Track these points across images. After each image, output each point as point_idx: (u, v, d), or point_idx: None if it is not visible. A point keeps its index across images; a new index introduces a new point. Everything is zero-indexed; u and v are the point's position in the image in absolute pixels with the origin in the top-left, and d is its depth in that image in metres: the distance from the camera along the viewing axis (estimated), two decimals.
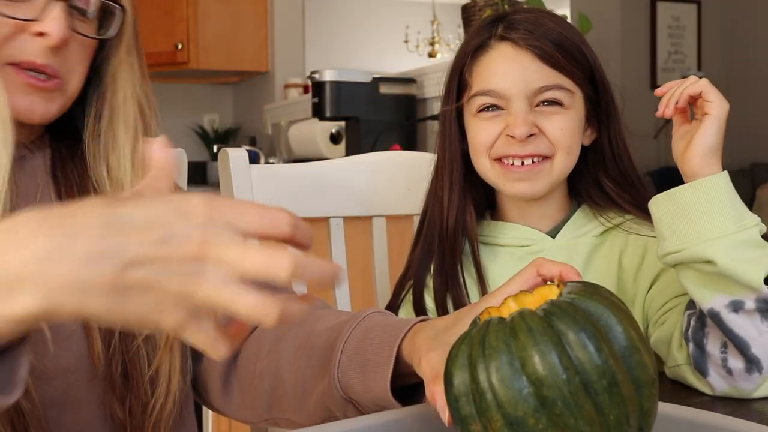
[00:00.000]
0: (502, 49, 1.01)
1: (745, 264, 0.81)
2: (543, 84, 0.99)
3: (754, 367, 0.83)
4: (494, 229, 1.07)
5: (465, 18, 2.50)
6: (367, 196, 1.24)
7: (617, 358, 0.50)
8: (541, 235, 1.04)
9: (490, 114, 1.02)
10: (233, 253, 0.46)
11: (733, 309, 0.83)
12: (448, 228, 1.04)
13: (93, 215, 0.47)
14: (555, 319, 0.51)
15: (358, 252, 1.27)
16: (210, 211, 0.47)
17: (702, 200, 0.83)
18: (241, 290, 0.46)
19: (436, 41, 7.33)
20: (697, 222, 0.83)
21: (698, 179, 0.84)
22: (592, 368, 0.49)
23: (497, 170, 1.02)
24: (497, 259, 1.05)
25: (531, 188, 1.01)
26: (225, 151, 1.15)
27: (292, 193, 1.19)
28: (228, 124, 5.01)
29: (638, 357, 0.51)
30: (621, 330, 0.52)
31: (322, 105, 2.69)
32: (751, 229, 0.82)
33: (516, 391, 0.50)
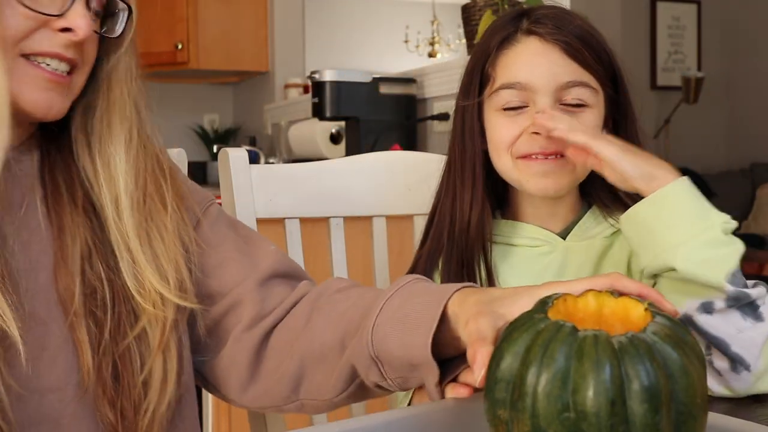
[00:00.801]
0: (529, 43, 1.00)
1: (703, 266, 0.82)
2: (570, 79, 0.98)
3: (739, 366, 0.84)
4: (505, 228, 1.06)
5: (465, 18, 2.50)
6: (367, 196, 1.24)
7: (670, 419, 0.48)
8: (552, 236, 1.04)
9: (513, 110, 0.99)
10: None
11: (705, 311, 0.84)
12: (469, 227, 1.02)
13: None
14: (627, 359, 0.48)
15: (358, 252, 1.27)
16: None
17: (659, 213, 0.85)
18: None
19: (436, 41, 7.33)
20: (659, 234, 0.85)
21: (649, 195, 0.86)
22: (642, 423, 0.47)
23: (520, 167, 0.99)
24: (507, 259, 1.04)
25: (554, 185, 0.99)
26: (225, 151, 1.15)
27: (292, 193, 1.19)
28: (228, 124, 5.01)
29: (691, 424, 0.49)
30: (687, 389, 0.49)
31: (322, 105, 2.69)
32: (713, 230, 0.83)
33: (556, 410, 0.48)
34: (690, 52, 5.83)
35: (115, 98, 0.84)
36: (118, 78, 0.84)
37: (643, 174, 0.87)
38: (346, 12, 7.59)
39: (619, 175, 0.89)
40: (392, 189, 1.26)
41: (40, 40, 0.76)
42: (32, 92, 0.76)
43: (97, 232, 0.82)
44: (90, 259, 0.80)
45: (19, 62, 0.76)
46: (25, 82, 0.76)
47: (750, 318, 0.84)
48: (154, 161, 0.87)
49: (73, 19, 0.76)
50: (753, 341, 0.83)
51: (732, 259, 0.83)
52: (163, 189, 0.86)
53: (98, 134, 0.83)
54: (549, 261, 1.02)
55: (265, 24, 4.51)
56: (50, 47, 0.77)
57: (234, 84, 4.99)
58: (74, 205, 0.82)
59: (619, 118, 1.04)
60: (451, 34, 7.29)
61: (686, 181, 0.87)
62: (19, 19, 0.75)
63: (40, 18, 0.76)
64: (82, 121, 0.84)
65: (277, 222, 1.19)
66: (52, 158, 0.84)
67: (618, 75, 1.03)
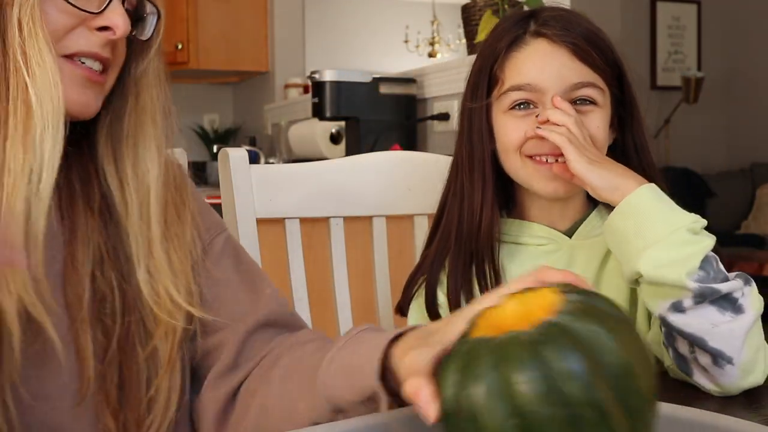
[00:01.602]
0: (538, 45, 1.00)
1: (665, 268, 0.85)
2: (578, 80, 0.99)
3: (720, 360, 0.84)
4: (512, 228, 1.06)
5: (465, 18, 2.50)
6: (367, 196, 1.24)
7: (608, 386, 0.49)
8: (559, 235, 1.04)
9: (522, 112, 1.00)
10: None
11: (676, 310, 0.86)
12: (480, 228, 1.02)
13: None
14: (542, 349, 0.49)
15: (358, 252, 1.27)
16: None
17: (627, 222, 0.88)
18: None
19: (436, 41, 7.33)
20: (634, 241, 0.88)
21: (618, 205, 0.89)
22: (580, 401, 0.48)
23: (529, 168, 1.00)
24: (514, 258, 1.05)
25: (564, 188, 0.99)
26: (225, 151, 1.15)
27: (292, 193, 1.19)
28: (228, 124, 5.01)
29: (631, 382, 0.50)
30: (615, 353, 0.50)
31: (322, 105, 2.69)
32: (678, 231, 0.86)
33: (502, 420, 0.49)
34: (690, 52, 5.83)
35: (145, 103, 0.83)
36: (148, 83, 0.84)
37: (609, 186, 0.91)
38: (346, 12, 7.59)
39: (589, 187, 0.93)
40: (392, 189, 1.26)
41: (77, 40, 0.76)
42: (73, 91, 0.76)
43: (112, 239, 0.81)
44: (102, 265, 0.79)
45: (61, 61, 0.76)
46: (66, 81, 0.75)
47: (729, 312, 0.85)
48: (177, 168, 0.87)
49: (111, 18, 0.76)
50: (732, 333, 0.84)
51: (695, 257, 0.85)
52: (183, 198, 0.86)
53: (129, 139, 0.83)
54: (555, 259, 1.03)
55: (265, 24, 4.51)
56: (88, 46, 0.76)
57: (234, 84, 4.99)
58: (90, 211, 0.81)
59: (625, 117, 1.05)
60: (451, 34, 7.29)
61: (650, 188, 0.89)
62: (59, 15, 0.75)
63: (79, 15, 0.75)
64: (108, 125, 0.83)
65: (277, 222, 1.19)
66: (69, 161, 0.83)
67: (623, 74, 1.03)
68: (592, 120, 0.99)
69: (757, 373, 0.86)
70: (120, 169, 0.82)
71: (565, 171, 0.95)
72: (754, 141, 5.68)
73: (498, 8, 2.26)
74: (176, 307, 0.80)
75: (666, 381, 0.93)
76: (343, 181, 1.23)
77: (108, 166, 0.83)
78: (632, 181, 0.90)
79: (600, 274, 1.02)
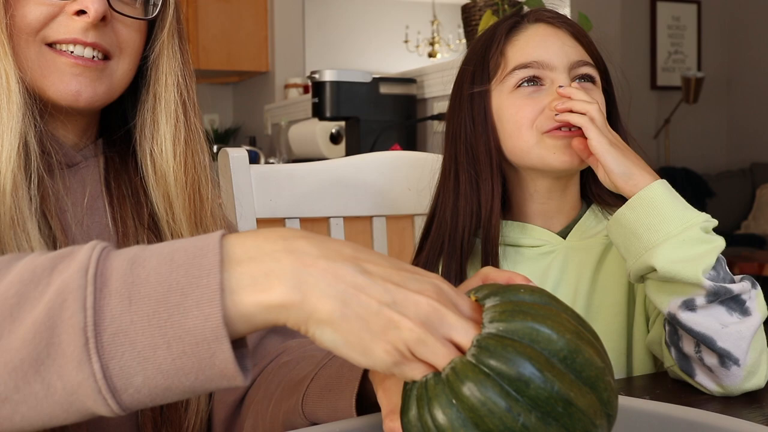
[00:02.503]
0: (537, 27, 1.02)
1: (681, 264, 0.84)
2: (580, 58, 1.01)
3: (727, 361, 0.84)
4: (507, 230, 1.05)
5: (465, 18, 2.50)
6: (367, 196, 1.24)
7: (562, 372, 0.49)
8: (554, 237, 1.04)
9: (530, 89, 1.00)
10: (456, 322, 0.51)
11: (687, 308, 0.86)
12: (490, 223, 1.01)
13: (347, 243, 0.53)
14: (488, 363, 0.49)
15: None
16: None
17: (641, 215, 0.88)
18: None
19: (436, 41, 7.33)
20: (644, 236, 0.87)
21: (630, 198, 0.89)
22: (543, 400, 0.48)
23: (546, 142, 0.98)
24: (509, 260, 1.04)
25: (578, 159, 0.97)
26: (225, 151, 1.15)
27: (292, 193, 1.19)
28: (228, 124, 5.02)
29: (581, 356, 0.50)
30: (555, 336, 0.50)
31: (322, 105, 2.69)
32: (692, 229, 0.85)
33: None
34: (690, 52, 5.83)
35: (160, 90, 0.82)
36: (163, 67, 0.83)
37: (623, 172, 0.90)
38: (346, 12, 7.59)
39: (602, 168, 0.92)
40: (392, 189, 1.26)
41: (57, 28, 0.76)
42: (59, 80, 0.76)
43: (158, 240, 0.82)
44: None
45: (44, 52, 0.76)
46: (52, 71, 0.76)
47: (737, 313, 0.85)
48: (200, 157, 0.86)
49: (84, 1, 0.75)
50: (740, 335, 0.84)
51: (710, 256, 0.85)
52: (209, 189, 0.86)
53: (149, 131, 0.82)
54: (550, 261, 1.02)
55: (265, 24, 4.51)
56: (68, 33, 0.76)
57: (234, 84, 4.99)
58: (139, 215, 0.82)
59: (612, 113, 1.06)
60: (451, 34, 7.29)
61: (664, 183, 0.89)
62: (33, 7, 0.75)
63: (54, 4, 0.76)
64: (141, 120, 0.83)
65: (277, 222, 1.19)
66: (116, 164, 0.84)
67: (608, 73, 1.06)
68: (595, 96, 1.00)
69: (760, 375, 0.86)
70: (147, 158, 0.82)
71: (584, 148, 0.94)
72: (754, 141, 5.68)
73: (498, 8, 2.26)
74: None
75: (666, 381, 0.93)
76: (343, 180, 1.23)
77: (142, 158, 0.83)
78: (647, 174, 0.89)
79: (596, 276, 1.02)
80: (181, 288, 0.49)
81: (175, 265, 0.50)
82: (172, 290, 0.49)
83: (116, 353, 0.48)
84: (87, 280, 0.49)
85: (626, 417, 0.64)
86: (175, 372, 0.49)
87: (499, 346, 0.49)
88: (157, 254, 0.51)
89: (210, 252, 0.50)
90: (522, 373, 0.48)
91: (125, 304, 0.49)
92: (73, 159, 0.80)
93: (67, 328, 0.48)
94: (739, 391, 0.87)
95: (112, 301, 0.49)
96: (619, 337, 1.01)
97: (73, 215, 0.78)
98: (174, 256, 0.50)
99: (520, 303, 0.52)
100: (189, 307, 0.49)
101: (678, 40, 5.77)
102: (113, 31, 0.79)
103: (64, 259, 0.51)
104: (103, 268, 0.50)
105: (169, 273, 0.50)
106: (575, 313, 0.54)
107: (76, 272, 0.50)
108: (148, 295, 0.49)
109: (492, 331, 0.50)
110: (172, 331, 0.48)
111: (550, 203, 1.04)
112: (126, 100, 0.85)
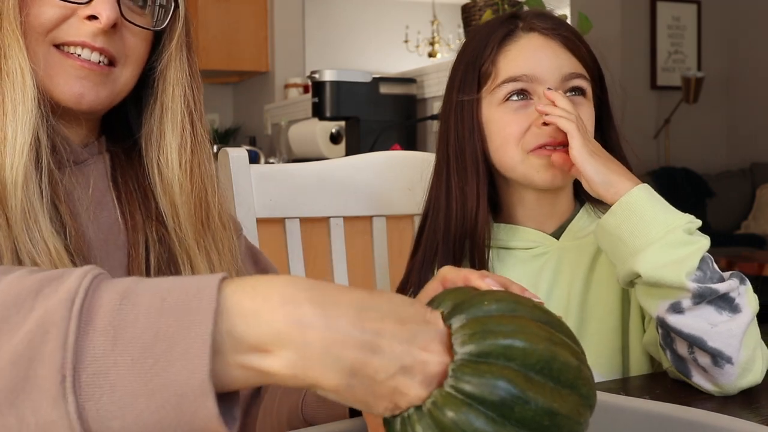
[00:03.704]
0: (530, 38, 1.02)
1: (664, 268, 0.84)
2: (572, 70, 1.00)
3: (720, 360, 0.84)
4: (500, 232, 1.05)
5: (465, 18, 2.50)
6: (367, 196, 1.24)
7: (541, 383, 0.49)
8: (547, 238, 1.04)
9: (519, 103, 1.00)
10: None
11: (675, 311, 0.86)
12: (476, 227, 1.01)
13: (348, 295, 0.50)
14: (468, 392, 0.48)
15: (358, 252, 1.27)
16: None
17: (623, 222, 0.88)
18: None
19: (436, 41, 7.33)
20: (628, 242, 0.87)
21: (613, 205, 0.89)
22: (529, 419, 0.48)
23: (531, 161, 0.99)
24: (503, 263, 1.04)
25: (561, 175, 0.98)
26: (225, 151, 1.15)
27: (292, 193, 1.19)
28: (228, 124, 5.02)
29: (557, 362, 0.50)
30: (529, 349, 0.49)
31: (322, 105, 2.69)
32: (674, 232, 0.85)
33: None
34: (690, 52, 5.83)
35: (167, 101, 0.83)
36: (170, 79, 0.84)
37: (603, 180, 0.90)
38: (346, 12, 7.59)
39: (584, 178, 0.92)
40: (392, 189, 1.26)
41: (68, 30, 0.77)
42: (64, 82, 0.77)
43: (166, 244, 0.83)
44: (159, 272, 0.81)
45: (51, 53, 0.77)
46: (57, 72, 0.77)
47: (726, 311, 0.85)
48: (206, 166, 0.86)
49: (96, 7, 0.77)
50: (730, 333, 0.84)
51: (693, 258, 0.85)
52: (215, 196, 0.86)
53: (155, 140, 0.83)
54: (544, 262, 1.02)
55: (265, 24, 4.51)
56: (77, 36, 0.77)
57: (234, 84, 4.99)
58: (148, 213, 0.83)
59: (604, 118, 1.06)
60: (451, 34, 7.29)
61: (644, 188, 0.89)
62: (47, 8, 0.76)
63: (68, 6, 0.77)
64: (147, 127, 0.84)
65: (277, 222, 1.19)
66: (122, 162, 0.85)
67: (603, 78, 1.05)
68: (584, 111, 1.00)
69: (755, 371, 0.86)
70: (153, 166, 0.83)
71: (564, 161, 0.95)
72: (754, 141, 5.68)
73: (498, 8, 2.26)
74: None
75: (666, 381, 0.93)
76: (343, 181, 1.23)
77: (149, 165, 0.84)
78: (627, 181, 0.90)
79: (590, 275, 1.02)
80: (170, 336, 0.46)
81: (166, 307, 0.47)
82: (159, 337, 0.46)
83: (94, 395, 0.46)
84: (72, 313, 0.47)
85: (626, 417, 0.64)
86: (156, 422, 0.46)
87: (476, 373, 0.49)
88: (150, 292, 0.48)
89: (205, 298, 0.47)
90: (504, 398, 0.48)
91: (109, 345, 0.46)
92: (79, 156, 0.81)
93: (46, 364, 0.46)
94: (735, 389, 0.86)
95: (96, 339, 0.46)
96: (615, 335, 1.01)
97: (82, 207, 0.79)
98: (167, 297, 0.48)
99: (487, 320, 0.51)
100: (175, 358, 0.46)
101: (678, 40, 5.78)
102: (121, 38, 0.80)
103: (52, 282, 0.49)
104: (91, 301, 0.47)
105: (159, 317, 0.47)
106: (541, 310, 0.53)
107: (62, 302, 0.47)
108: (135, 339, 0.46)
109: (465, 357, 0.49)
110: (156, 380, 0.46)
111: (541, 209, 1.04)
112: (129, 106, 0.86)
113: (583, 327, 1.01)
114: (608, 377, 0.99)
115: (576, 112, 0.95)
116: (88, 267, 0.50)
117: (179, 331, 0.46)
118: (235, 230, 0.91)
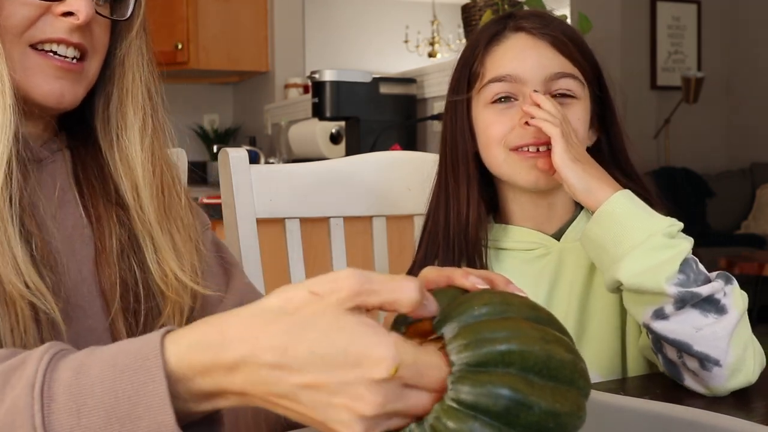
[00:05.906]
0: (518, 38, 1.02)
1: (643, 275, 0.84)
2: (558, 70, 1.00)
3: (707, 363, 0.84)
4: (498, 233, 1.06)
5: (465, 18, 2.50)
6: (367, 196, 1.24)
7: (541, 385, 0.49)
8: (547, 238, 1.04)
9: (504, 105, 1.00)
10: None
11: (659, 317, 0.85)
12: (467, 227, 1.02)
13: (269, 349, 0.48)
14: (471, 403, 0.48)
15: (358, 252, 1.27)
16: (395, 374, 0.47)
17: (604, 229, 0.88)
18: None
19: (436, 41, 7.34)
20: (611, 250, 0.87)
21: (595, 213, 0.89)
22: (535, 423, 0.48)
23: (513, 160, 1.00)
24: (503, 264, 1.04)
25: (545, 178, 0.98)
26: (225, 151, 1.15)
27: (292, 193, 1.19)
28: (228, 124, 5.02)
29: (554, 361, 0.49)
30: (526, 352, 0.49)
31: (322, 105, 2.69)
32: (654, 237, 0.85)
33: None
34: (690, 52, 5.83)
35: (128, 84, 0.83)
36: (130, 63, 0.84)
37: (584, 187, 0.91)
38: (346, 12, 7.59)
39: (565, 184, 0.92)
40: (392, 189, 1.26)
41: (43, 28, 0.77)
42: (43, 82, 0.77)
43: (126, 226, 0.82)
44: (122, 253, 0.81)
45: (28, 53, 0.76)
46: (36, 72, 0.76)
47: (712, 313, 0.84)
48: (167, 151, 0.87)
49: (72, 3, 0.76)
50: (715, 335, 0.84)
51: (673, 262, 0.84)
52: (177, 180, 0.86)
53: (115, 122, 0.83)
54: (545, 264, 1.02)
55: (265, 24, 4.51)
56: (54, 33, 0.77)
57: (234, 84, 4.99)
58: (109, 202, 0.83)
59: (605, 118, 1.05)
60: (451, 34, 7.29)
61: (625, 194, 0.89)
62: (20, 7, 0.75)
63: (40, 5, 0.76)
64: (102, 112, 0.84)
65: (277, 222, 1.19)
66: (82, 156, 0.84)
67: (602, 75, 1.05)
68: (573, 113, 0.99)
69: (746, 372, 0.85)
70: (113, 154, 0.83)
71: (549, 167, 0.96)
72: (754, 141, 5.68)
73: (498, 8, 2.26)
74: (182, 286, 0.82)
75: (666, 381, 0.93)
76: (343, 180, 1.23)
77: (109, 154, 0.83)
78: (607, 187, 0.90)
79: (590, 277, 1.02)
80: (128, 396, 0.48)
81: (118, 371, 0.49)
82: (119, 399, 0.48)
83: None
84: (33, 397, 0.48)
85: (626, 417, 0.64)
86: None
87: (476, 384, 0.48)
88: (100, 360, 0.50)
89: (151, 355, 0.49)
90: (508, 405, 0.47)
91: (74, 419, 0.48)
92: (39, 154, 0.81)
93: None
94: (725, 390, 0.86)
95: (61, 416, 0.48)
96: (614, 337, 1.01)
97: (46, 210, 0.78)
98: (116, 361, 0.49)
99: (480, 326, 0.50)
100: (140, 416, 0.48)
101: (678, 40, 5.77)
102: (90, 31, 0.80)
103: (16, 371, 0.50)
104: (50, 382, 0.49)
105: (113, 380, 0.49)
106: (529, 307, 0.53)
107: (24, 388, 0.49)
108: (97, 407, 0.48)
109: (463, 368, 0.49)
110: None
111: (537, 210, 1.05)
112: (84, 97, 0.86)
113: (584, 328, 1.01)
114: (607, 378, 0.99)
115: (562, 116, 0.94)
116: (46, 346, 0.52)
117: (136, 391, 0.48)
118: (202, 224, 0.91)
